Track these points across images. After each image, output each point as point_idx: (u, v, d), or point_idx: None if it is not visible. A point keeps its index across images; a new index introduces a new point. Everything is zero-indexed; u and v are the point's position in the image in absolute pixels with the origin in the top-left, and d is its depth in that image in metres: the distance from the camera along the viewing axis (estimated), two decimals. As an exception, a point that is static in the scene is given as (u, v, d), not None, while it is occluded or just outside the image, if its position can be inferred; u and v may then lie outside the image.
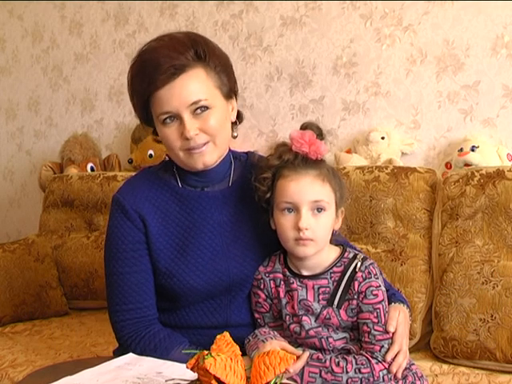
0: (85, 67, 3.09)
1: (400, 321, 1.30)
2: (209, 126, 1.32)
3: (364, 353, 1.27)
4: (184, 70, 1.31)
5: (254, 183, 1.34)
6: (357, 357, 1.26)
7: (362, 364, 1.24)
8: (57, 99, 3.20)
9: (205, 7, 2.71)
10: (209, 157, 1.36)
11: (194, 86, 1.31)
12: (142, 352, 1.31)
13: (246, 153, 1.53)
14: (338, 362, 1.24)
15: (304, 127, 1.32)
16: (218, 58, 1.37)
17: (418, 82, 2.26)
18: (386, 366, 1.25)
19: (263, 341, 1.26)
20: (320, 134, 1.31)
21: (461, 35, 2.18)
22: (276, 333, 1.33)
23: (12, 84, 3.38)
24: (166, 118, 1.32)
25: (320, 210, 1.27)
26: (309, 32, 2.47)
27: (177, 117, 1.32)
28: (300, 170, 1.28)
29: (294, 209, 1.28)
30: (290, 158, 1.29)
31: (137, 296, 1.39)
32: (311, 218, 1.27)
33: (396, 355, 1.27)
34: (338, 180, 1.33)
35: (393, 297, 1.37)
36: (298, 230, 1.26)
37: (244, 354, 1.30)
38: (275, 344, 1.23)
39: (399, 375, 1.26)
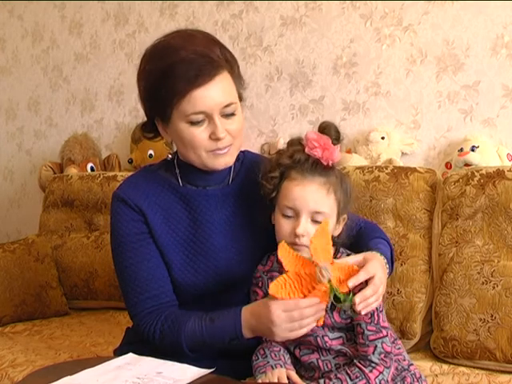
0: (85, 67, 3.09)
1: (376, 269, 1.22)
2: (234, 129, 1.34)
3: (357, 362, 1.25)
4: (219, 72, 1.31)
5: (261, 180, 1.34)
6: (349, 371, 1.24)
7: (357, 377, 1.23)
8: (57, 99, 3.20)
9: (205, 7, 2.71)
10: (229, 158, 1.37)
11: (227, 87, 1.33)
12: (161, 335, 1.32)
13: (243, 152, 1.53)
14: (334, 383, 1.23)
15: (322, 127, 1.30)
16: (235, 61, 1.39)
17: (418, 82, 2.26)
18: (381, 370, 1.23)
19: (272, 367, 1.27)
20: (337, 138, 1.30)
21: (461, 35, 2.18)
22: (287, 357, 1.32)
23: (12, 84, 3.38)
24: (195, 119, 1.31)
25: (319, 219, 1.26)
26: (309, 32, 2.47)
27: (207, 117, 1.31)
28: (307, 175, 1.27)
29: (294, 214, 1.27)
30: (301, 160, 1.28)
31: (150, 283, 1.37)
32: (309, 225, 1.26)
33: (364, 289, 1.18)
34: (344, 189, 1.31)
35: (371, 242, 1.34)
36: (295, 235, 1.26)
37: (248, 356, 1.32)
38: (282, 373, 1.25)
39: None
